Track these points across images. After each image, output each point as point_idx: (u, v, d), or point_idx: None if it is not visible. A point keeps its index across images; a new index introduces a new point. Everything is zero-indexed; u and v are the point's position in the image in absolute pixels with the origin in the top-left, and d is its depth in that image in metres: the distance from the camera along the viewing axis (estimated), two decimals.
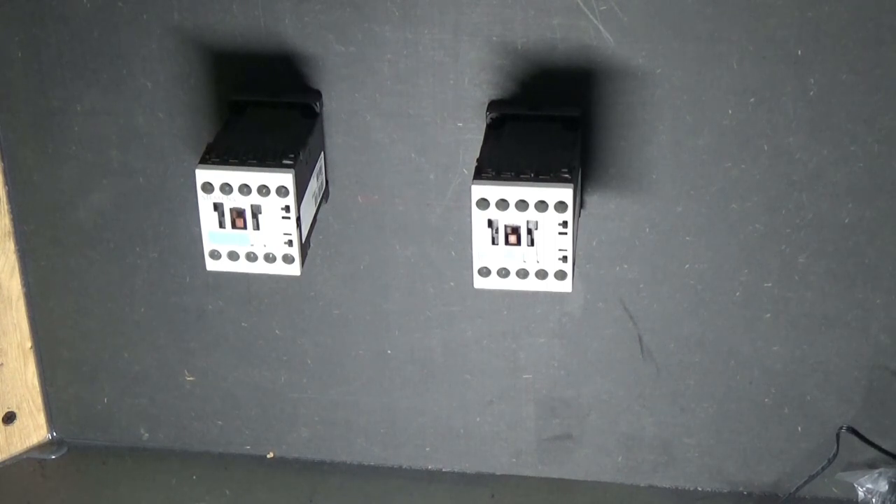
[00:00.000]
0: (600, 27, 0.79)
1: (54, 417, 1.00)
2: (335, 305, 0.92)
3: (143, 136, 0.87)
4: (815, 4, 0.77)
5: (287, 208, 0.76)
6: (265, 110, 0.83)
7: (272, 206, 0.76)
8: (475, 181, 0.74)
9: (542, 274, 0.76)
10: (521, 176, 0.74)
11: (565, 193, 0.73)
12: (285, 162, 0.76)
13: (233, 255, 0.78)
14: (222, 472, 0.98)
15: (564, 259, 0.75)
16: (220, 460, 0.99)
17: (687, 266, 0.86)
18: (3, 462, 0.99)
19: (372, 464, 0.98)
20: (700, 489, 0.95)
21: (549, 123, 0.80)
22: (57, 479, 0.99)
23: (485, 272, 0.76)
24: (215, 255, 0.78)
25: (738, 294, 0.87)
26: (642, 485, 0.95)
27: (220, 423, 0.98)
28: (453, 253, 0.88)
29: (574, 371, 0.92)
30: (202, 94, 0.85)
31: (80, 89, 0.86)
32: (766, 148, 0.81)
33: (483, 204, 0.74)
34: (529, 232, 0.74)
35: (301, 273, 0.79)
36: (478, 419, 0.95)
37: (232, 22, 0.82)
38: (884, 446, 0.89)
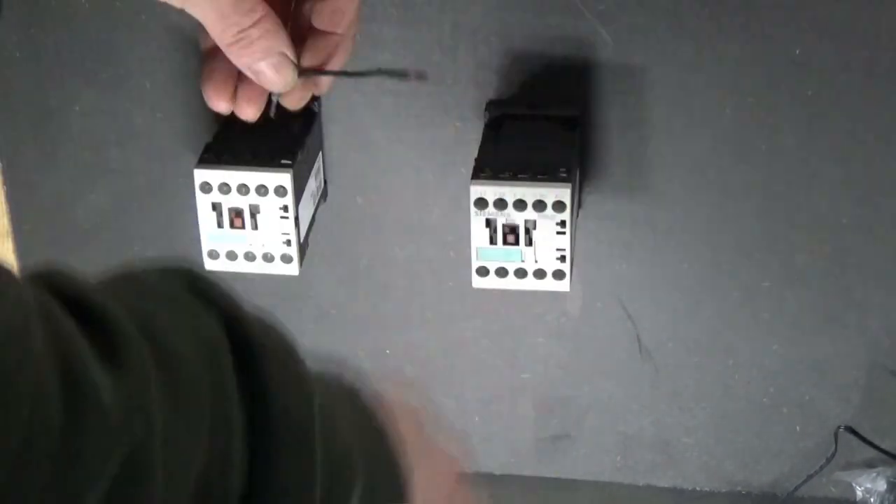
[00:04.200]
0: (598, 27, 0.79)
1: None
2: (333, 305, 0.92)
3: (142, 136, 0.87)
4: (813, 4, 0.77)
5: (285, 208, 0.76)
6: None
7: (270, 206, 0.76)
8: (473, 181, 0.74)
9: (540, 273, 0.76)
10: (520, 176, 0.74)
11: (563, 193, 0.73)
12: (283, 162, 0.76)
13: (231, 255, 0.78)
14: None
15: (563, 259, 0.75)
16: None
17: (685, 266, 0.86)
18: None
19: None
20: (698, 489, 0.95)
21: (547, 123, 0.80)
22: None
23: (483, 272, 0.76)
24: (213, 254, 0.78)
25: (736, 294, 0.87)
26: (641, 484, 0.95)
27: None
28: (452, 253, 0.88)
29: (572, 371, 0.92)
30: (201, 95, 0.85)
31: (78, 89, 0.86)
32: (763, 147, 0.81)
33: (481, 203, 0.74)
34: (527, 231, 0.74)
35: (299, 273, 0.79)
36: (476, 419, 0.95)
37: None
38: (882, 446, 0.89)
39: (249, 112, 0.72)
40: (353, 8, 0.72)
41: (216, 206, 0.76)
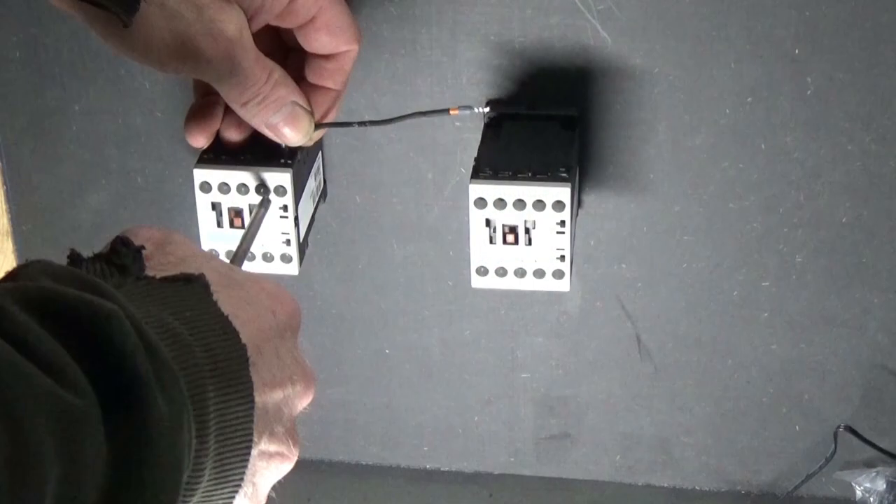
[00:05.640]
0: (598, 26, 0.79)
1: None
2: (333, 305, 0.92)
3: (141, 135, 0.87)
4: (813, 3, 0.77)
5: (285, 208, 0.76)
6: None
7: (270, 206, 0.76)
8: (472, 180, 0.74)
9: (539, 273, 0.76)
10: (519, 175, 0.74)
11: (563, 193, 0.73)
12: (283, 161, 0.76)
13: (230, 255, 0.78)
14: None
15: (562, 258, 0.75)
16: None
17: (685, 265, 0.86)
18: None
19: (370, 463, 0.98)
20: (698, 488, 0.95)
21: (546, 123, 0.80)
22: None
23: (482, 271, 0.76)
24: (213, 254, 0.78)
25: (735, 293, 0.87)
26: (640, 484, 0.95)
27: None
28: (451, 252, 0.88)
29: (572, 370, 0.92)
30: None
31: (77, 89, 0.86)
32: (763, 147, 0.82)
33: (480, 203, 0.74)
34: (527, 231, 0.75)
35: (299, 273, 0.79)
36: (476, 418, 0.95)
37: None
38: (882, 445, 0.89)
39: (234, 138, 0.74)
40: (352, 65, 0.73)
41: (215, 206, 0.76)
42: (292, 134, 0.71)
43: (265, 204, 0.76)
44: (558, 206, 0.73)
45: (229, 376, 0.48)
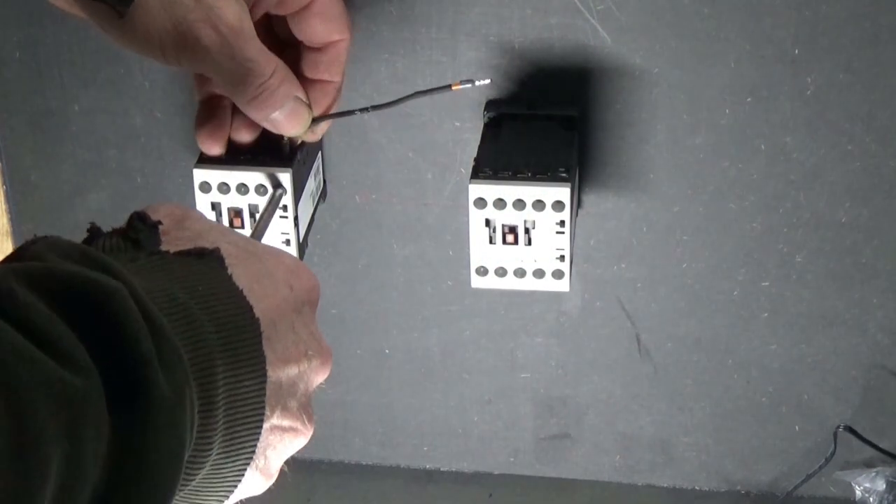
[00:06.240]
0: (598, 26, 0.79)
1: None
2: (333, 305, 0.92)
3: (141, 135, 0.87)
4: (812, 3, 0.77)
5: (285, 208, 0.76)
6: None
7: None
8: (472, 180, 0.74)
9: (539, 273, 0.76)
10: (519, 175, 0.74)
11: (563, 193, 0.73)
12: (283, 161, 0.76)
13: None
14: None
15: (562, 258, 0.75)
16: None
17: (684, 265, 0.86)
18: None
19: (370, 463, 0.98)
20: (698, 488, 0.95)
21: (546, 123, 0.80)
22: None
23: (482, 271, 0.76)
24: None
25: (735, 293, 0.87)
26: (640, 484, 0.95)
27: None
28: (451, 252, 0.88)
29: (572, 370, 0.92)
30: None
31: (77, 89, 0.86)
32: (763, 147, 0.82)
33: (480, 203, 0.74)
34: (527, 231, 0.75)
35: None
36: (475, 418, 0.95)
37: None
38: (881, 445, 0.89)
39: (246, 139, 0.74)
40: (346, 55, 0.73)
41: (215, 206, 0.76)
42: (291, 128, 0.71)
43: (280, 188, 0.76)
44: (558, 206, 0.73)
45: (240, 350, 0.48)
